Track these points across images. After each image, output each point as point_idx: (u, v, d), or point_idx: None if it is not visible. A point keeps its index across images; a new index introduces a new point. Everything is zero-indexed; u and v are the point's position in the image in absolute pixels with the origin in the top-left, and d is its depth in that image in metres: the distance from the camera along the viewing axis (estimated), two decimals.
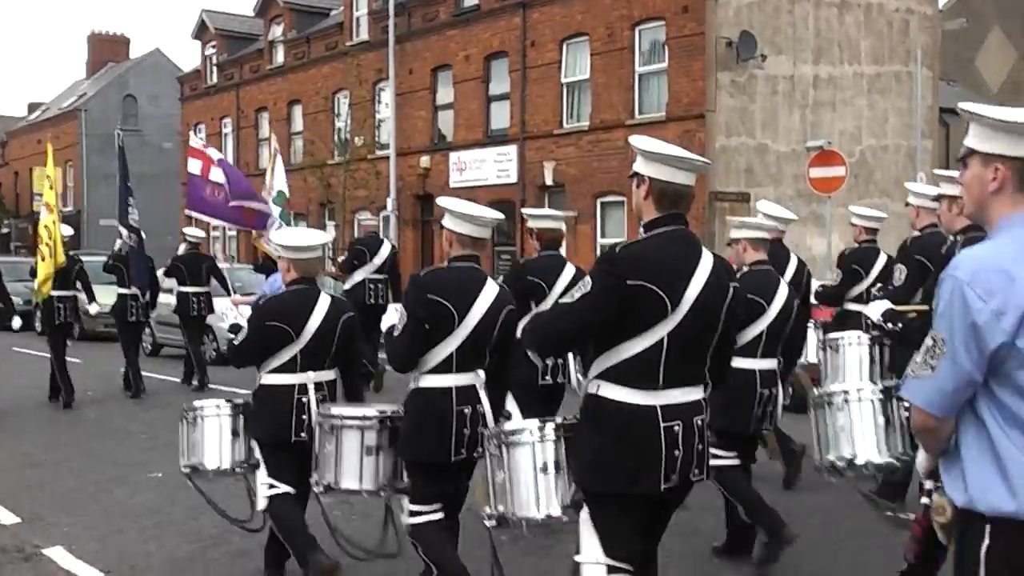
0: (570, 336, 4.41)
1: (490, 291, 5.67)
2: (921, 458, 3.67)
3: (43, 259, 15.07)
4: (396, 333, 5.63)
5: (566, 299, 4.36)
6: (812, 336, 9.89)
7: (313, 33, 38.13)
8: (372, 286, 16.31)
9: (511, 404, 6.55)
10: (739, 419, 6.86)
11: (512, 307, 5.85)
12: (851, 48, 27.85)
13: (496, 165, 30.11)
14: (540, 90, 28.89)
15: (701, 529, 7.74)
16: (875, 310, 6.63)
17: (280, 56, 40.11)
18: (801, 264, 9.70)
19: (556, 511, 4.86)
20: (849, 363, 8.21)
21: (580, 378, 7.35)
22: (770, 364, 7.01)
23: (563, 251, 8.55)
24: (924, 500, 4.04)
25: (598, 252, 27.07)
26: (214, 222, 17.50)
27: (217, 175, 16.83)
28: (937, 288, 3.14)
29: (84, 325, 25.92)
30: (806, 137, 26.11)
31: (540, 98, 28.89)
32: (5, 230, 65.30)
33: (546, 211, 9.11)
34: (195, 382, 16.74)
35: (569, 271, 8.22)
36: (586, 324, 4.26)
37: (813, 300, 10.28)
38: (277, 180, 16.87)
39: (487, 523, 5.06)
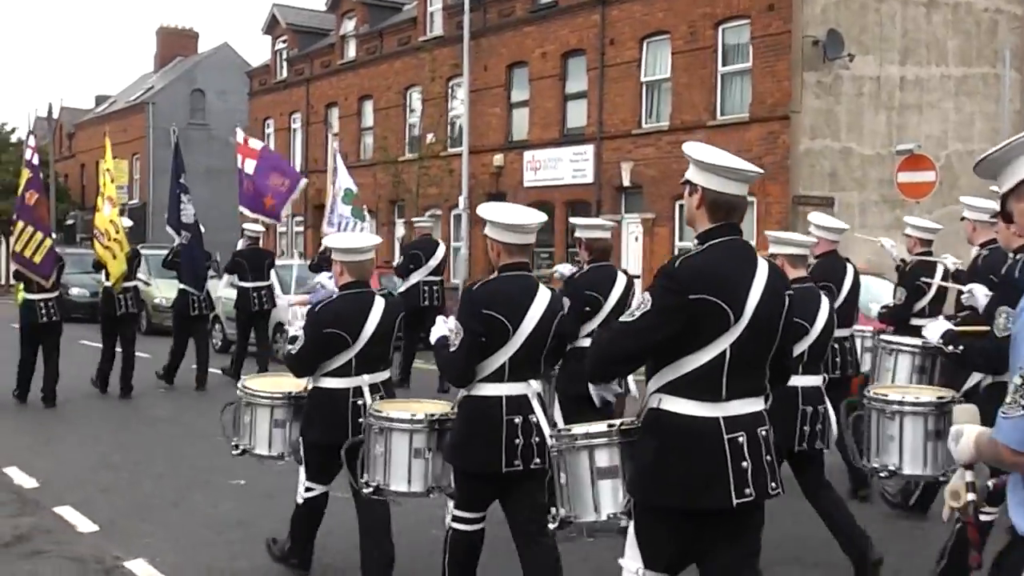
0: (634, 357, 4.35)
1: (542, 299, 5.66)
2: (962, 446, 3.42)
3: (114, 256, 15.26)
4: (452, 348, 5.61)
5: (625, 317, 4.30)
6: (864, 344, 9.92)
7: (386, 28, 37.91)
8: (427, 288, 16.55)
9: (557, 414, 6.73)
10: (783, 435, 6.55)
11: (564, 313, 5.86)
12: (938, 49, 27.16)
13: (572, 165, 29.70)
14: (619, 89, 28.43)
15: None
16: (934, 331, 6.60)
17: (352, 51, 39.92)
18: (857, 275, 9.44)
19: (614, 509, 4.74)
20: (900, 368, 8.29)
21: (633, 386, 7.71)
22: (813, 381, 6.96)
23: (641, 255, 8.70)
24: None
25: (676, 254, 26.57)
26: (260, 218, 16.59)
27: (250, 166, 16.40)
28: (1017, 320, 3.03)
29: (152, 319, 26.03)
30: (892, 140, 25.47)
31: (618, 97, 28.43)
32: (70, 222, 65.58)
33: (595, 220, 9.01)
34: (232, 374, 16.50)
35: (621, 281, 8.29)
36: (650, 343, 4.21)
37: (874, 316, 10.17)
38: (342, 179, 16.32)
39: (550, 525, 5.01)
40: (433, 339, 5.90)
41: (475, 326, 5.50)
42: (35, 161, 15.29)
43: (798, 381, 6.74)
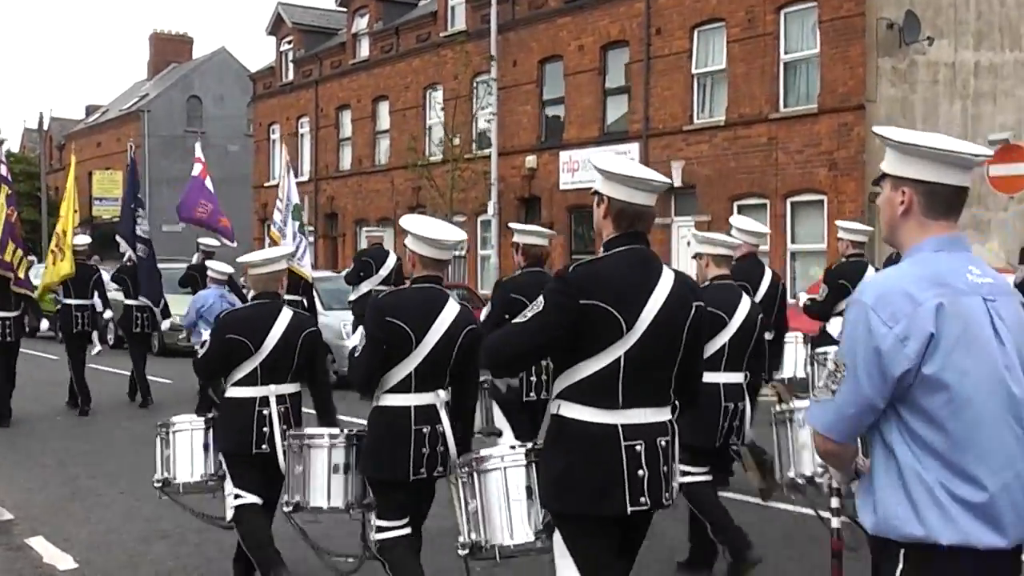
0: (521, 355, 4.43)
1: (450, 312, 5.73)
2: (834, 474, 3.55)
3: (52, 263, 15.40)
4: (356, 354, 5.73)
5: (518, 318, 4.33)
6: (798, 350, 10.72)
7: (402, 24, 35.59)
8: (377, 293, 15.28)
9: (501, 421, 7.41)
10: (704, 433, 6.82)
11: (473, 327, 5.88)
12: (1012, 33, 24.86)
13: None
14: (667, 82, 26.24)
15: (668, 534, 7.58)
16: (835, 327, 7.31)
17: (364, 50, 37.65)
18: (775, 278, 9.68)
19: (529, 537, 4.87)
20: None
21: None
22: (735, 378, 7.02)
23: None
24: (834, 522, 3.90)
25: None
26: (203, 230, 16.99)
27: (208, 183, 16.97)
28: (846, 312, 3.15)
29: (164, 339, 24.06)
30: (967, 131, 23.23)
31: (667, 91, 26.24)
32: None
33: (532, 227, 9.14)
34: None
35: None
36: (538, 343, 4.28)
37: (802, 313, 10.80)
38: (290, 193, 16.61)
39: (460, 552, 5.04)
40: (349, 347, 6.02)
41: (377, 333, 5.62)
42: (7, 175, 15.13)
43: (720, 378, 6.85)
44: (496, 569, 6.40)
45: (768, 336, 9.17)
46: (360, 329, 6.21)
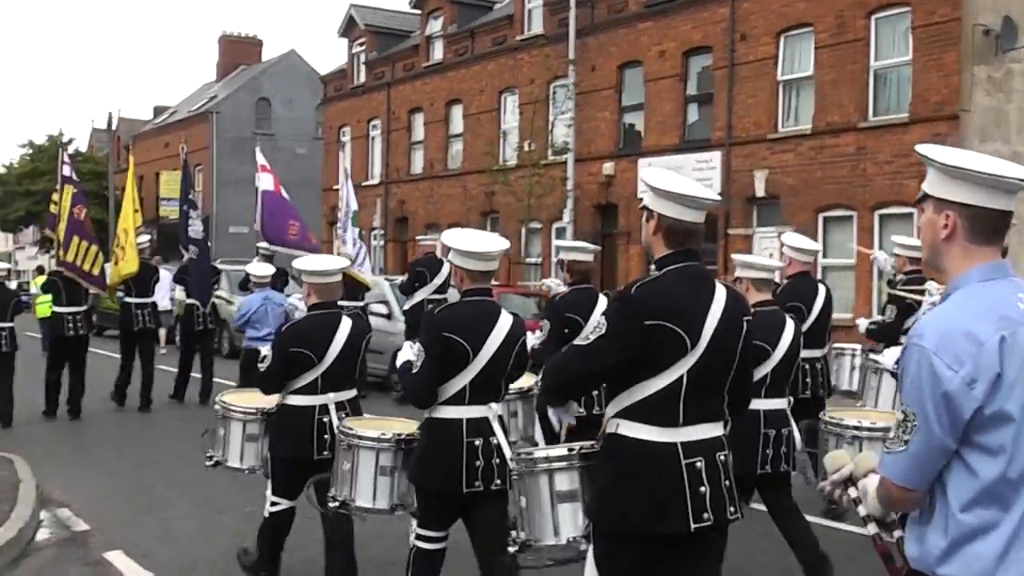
0: (585, 380, 4.47)
1: (503, 324, 5.78)
2: (870, 505, 3.36)
3: (115, 263, 15.79)
4: (414, 370, 5.75)
5: (579, 340, 4.35)
6: (853, 362, 10.49)
7: (478, 27, 35.30)
8: (432, 307, 15.30)
9: (538, 434, 7.36)
10: (744, 460, 6.65)
11: (525, 338, 5.98)
12: None
13: (696, 174, 26.88)
14: (751, 89, 25.69)
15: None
16: (890, 358, 7.37)
17: (438, 52, 37.38)
18: (829, 294, 9.52)
19: (575, 533, 4.81)
20: (884, 388, 8.71)
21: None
22: (776, 404, 6.97)
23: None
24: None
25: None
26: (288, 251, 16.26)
27: (267, 182, 17.09)
28: (904, 356, 3.07)
29: (234, 340, 23.96)
30: None
31: (751, 98, 25.69)
32: None
33: (577, 243, 9.17)
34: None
35: (602, 304, 8.14)
36: (603, 367, 4.24)
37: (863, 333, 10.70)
38: (351, 200, 16.97)
39: (510, 549, 5.07)
40: (399, 362, 6.10)
41: (434, 349, 5.62)
42: (72, 175, 15.76)
43: (761, 404, 6.75)
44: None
45: (822, 354, 9.38)
46: (407, 343, 6.28)
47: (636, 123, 29.18)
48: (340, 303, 12.66)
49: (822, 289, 9.47)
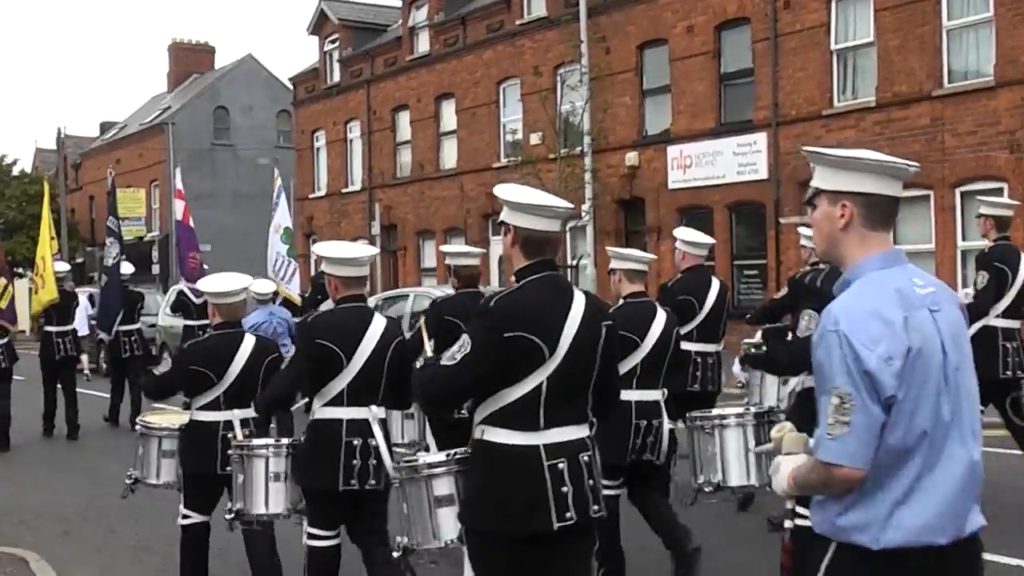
0: (453, 395, 4.64)
1: (376, 328, 6.08)
2: (782, 482, 3.46)
3: (35, 292, 15.90)
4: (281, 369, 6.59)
5: (446, 360, 4.44)
6: None
7: (469, 14, 32.40)
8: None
9: (429, 437, 7.38)
10: (616, 449, 6.83)
11: (402, 338, 6.29)
12: None
13: (737, 159, 24.36)
14: (799, 62, 23.14)
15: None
16: (737, 367, 8.59)
17: (424, 44, 34.53)
18: (722, 289, 9.35)
19: (453, 536, 5.02)
20: (768, 382, 8.95)
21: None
22: (648, 395, 7.03)
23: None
24: (788, 524, 3.70)
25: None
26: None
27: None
28: (819, 346, 3.20)
29: None
30: None
31: (800, 72, 23.14)
32: (80, 259, 60.31)
33: (462, 248, 9.42)
34: None
35: None
36: (467, 383, 4.43)
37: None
38: (281, 215, 16.45)
39: (395, 554, 5.29)
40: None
41: (307, 353, 6.06)
42: None
43: (632, 396, 6.86)
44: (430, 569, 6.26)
45: (716, 348, 9.32)
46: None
47: (662, 108, 26.48)
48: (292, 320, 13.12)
49: (715, 283, 9.28)
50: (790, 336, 7.99)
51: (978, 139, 20.19)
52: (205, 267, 16.87)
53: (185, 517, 7.05)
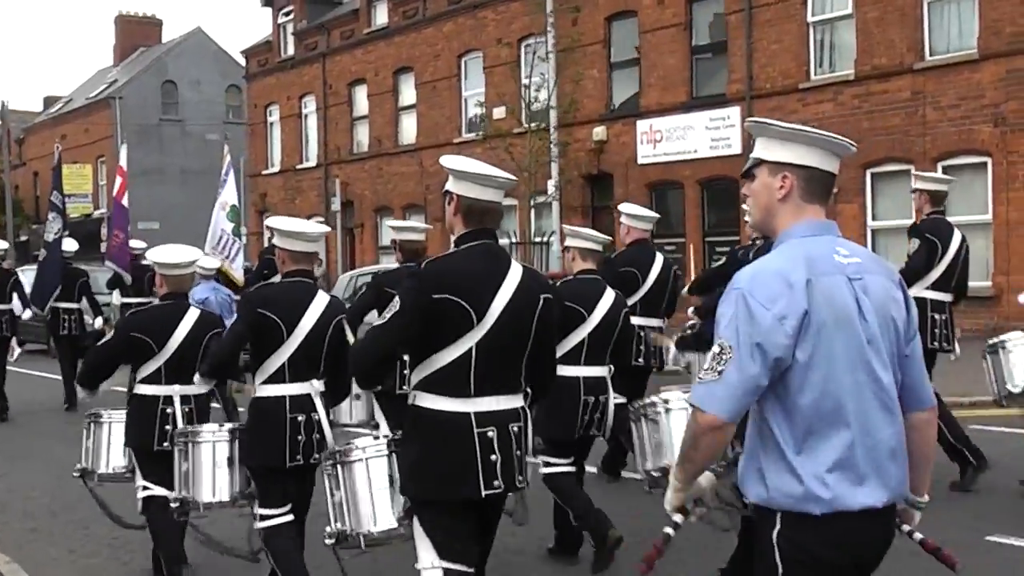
0: (384, 358, 4.55)
1: (319, 304, 6.08)
2: (671, 495, 3.56)
3: None
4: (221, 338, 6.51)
5: (378, 320, 4.49)
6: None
7: None
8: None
9: (378, 414, 8.04)
10: (563, 426, 6.96)
11: (344, 316, 6.27)
12: None
13: (709, 133, 23.72)
14: (773, 34, 22.56)
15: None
16: (672, 351, 8.35)
17: (382, 16, 33.60)
18: (667, 264, 9.33)
19: (392, 523, 5.20)
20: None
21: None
22: (595, 371, 7.08)
23: None
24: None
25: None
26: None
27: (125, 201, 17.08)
28: (723, 301, 3.27)
29: None
30: None
31: (775, 44, 22.55)
32: (24, 237, 58.83)
33: (408, 223, 9.39)
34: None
35: None
36: (399, 341, 4.44)
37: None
38: (228, 193, 16.07)
39: (326, 541, 5.31)
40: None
41: (244, 323, 6.09)
42: None
43: (580, 371, 6.98)
44: (363, 557, 6.09)
45: (659, 323, 9.29)
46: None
47: (630, 81, 25.77)
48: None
49: (659, 258, 9.31)
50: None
51: (961, 112, 19.71)
52: (137, 247, 16.89)
53: (145, 489, 6.86)
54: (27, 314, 15.77)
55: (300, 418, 5.96)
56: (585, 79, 25.99)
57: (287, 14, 38.01)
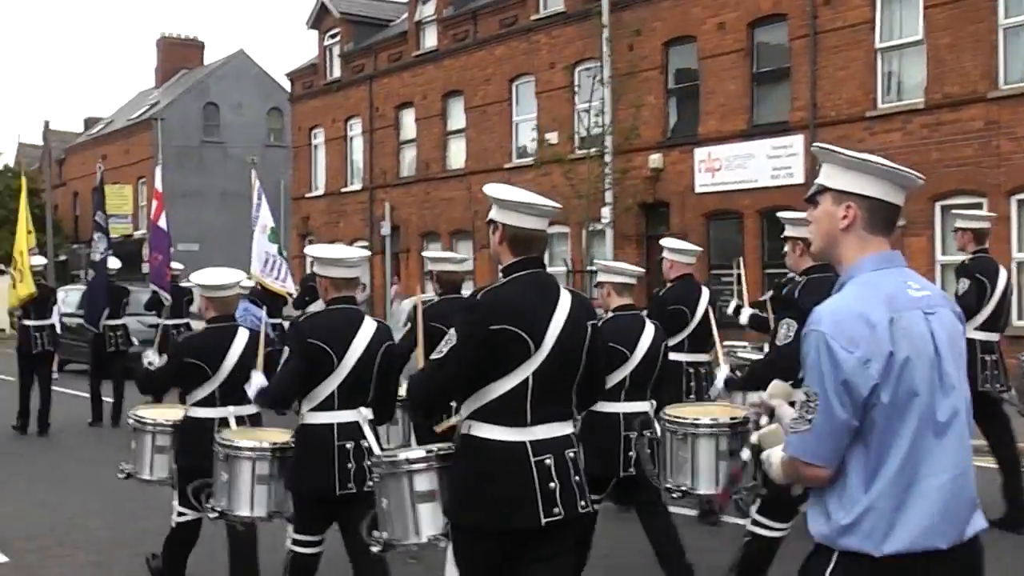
0: (448, 388, 4.54)
1: (367, 330, 6.12)
2: (778, 473, 3.46)
3: (13, 286, 15.82)
4: (278, 373, 6.31)
5: (435, 355, 4.49)
6: None
7: (480, 8, 31.07)
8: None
9: (413, 440, 7.79)
10: (605, 463, 6.83)
11: (392, 343, 6.30)
12: None
13: (771, 162, 23.15)
14: (839, 60, 21.97)
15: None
16: (719, 383, 7.53)
17: (431, 39, 33.20)
18: (713, 297, 9.31)
19: (434, 532, 5.02)
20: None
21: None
22: (637, 407, 7.00)
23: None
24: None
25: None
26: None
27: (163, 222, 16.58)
28: (802, 342, 3.27)
29: None
30: None
31: (841, 71, 21.96)
32: (63, 257, 58.77)
33: (446, 254, 9.70)
34: None
35: None
36: (459, 374, 4.44)
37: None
38: (265, 216, 15.46)
39: (373, 549, 5.24)
40: (251, 392, 6.39)
41: (300, 354, 6.00)
42: None
43: (621, 408, 6.91)
44: (410, 566, 6.37)
45: (707, 358, 9.23)
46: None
47: (689, 108, 25.25)
48: (266, 319, 13.81)
49: (705, 292, 9.30)
50: (766, 347, 8.06)
51: None
52: (176, 268, 16.96)
53: (180, 515, 7.02)
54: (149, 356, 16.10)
55: (349, 445, 5.96)
56: (640, 106, 25.47)
57: (333, 36, 37.70)
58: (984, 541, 3.34)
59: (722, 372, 7.45)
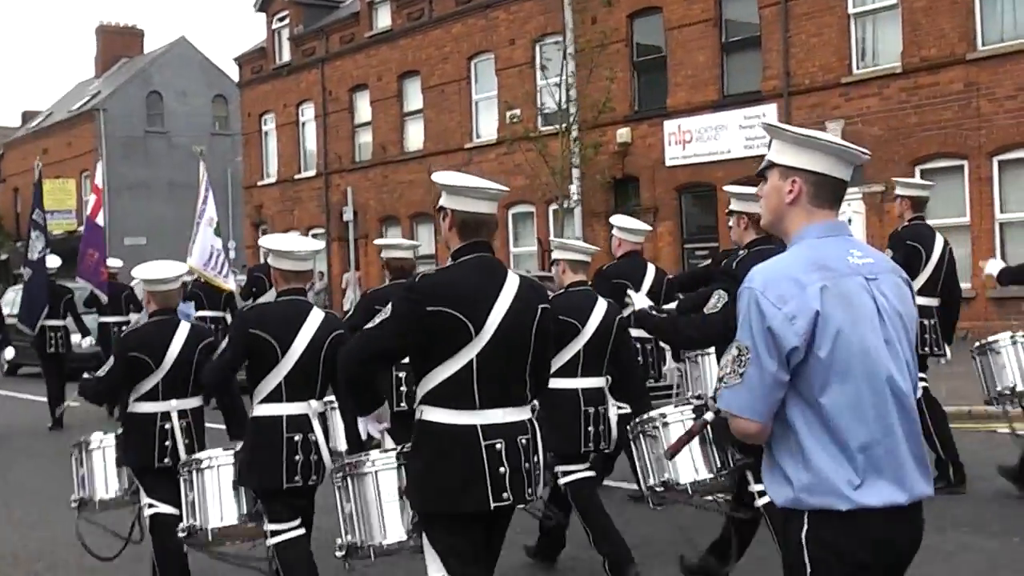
0: (372, 358, 4.63)
1: (313, 321, 6.05)
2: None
3: None
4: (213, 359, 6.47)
5: (370, 324, 4.57)
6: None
7: None
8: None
9: (341, 442, 7.40)
10: (568, 440, 6.86)
11: (341, 332, 6.18)
12: None
13: (744, 132, 22.74)
14: (812, 27, 21.60)
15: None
16: (638, 301, 7.20)
17: (385, 19, 32.48)
18: (660, 274, 9.31)
19: (402, 535, 5.23)
20: (708, 373, 9.12)
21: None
22: (593, 382, 7.03)
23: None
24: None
25: None
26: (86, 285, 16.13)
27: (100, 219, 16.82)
28: (738, 299, 3.34)
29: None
30: None
31: (814, 38, 21.59)
32: (5, 255, 57.49)
33: (395, 241, 9.73)
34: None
35: None
36: (387, 346, 4.55)
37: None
38: (212, 208, 15.63)
39: (337, 554, 5.32)
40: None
41: (239, 343, 6.04)
42: None
43: (578, 383, 6.92)
44: (373, 569, 6.15)
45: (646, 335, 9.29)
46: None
47: (656, 80, 24.77)
48: (203, 314, 14.24)
49: (651, 268, 9.28)
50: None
51: (1018, 104, 18.82)
52: (113, 266, 16.58)
53: (151, 507, 6.82)
54: (86, 342, 16.10)
55: (297, 438, 5.94)
56: (604, 80, 24.89)
57: (282, 19, 36.87)
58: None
59: (639, 300, 7.17)
